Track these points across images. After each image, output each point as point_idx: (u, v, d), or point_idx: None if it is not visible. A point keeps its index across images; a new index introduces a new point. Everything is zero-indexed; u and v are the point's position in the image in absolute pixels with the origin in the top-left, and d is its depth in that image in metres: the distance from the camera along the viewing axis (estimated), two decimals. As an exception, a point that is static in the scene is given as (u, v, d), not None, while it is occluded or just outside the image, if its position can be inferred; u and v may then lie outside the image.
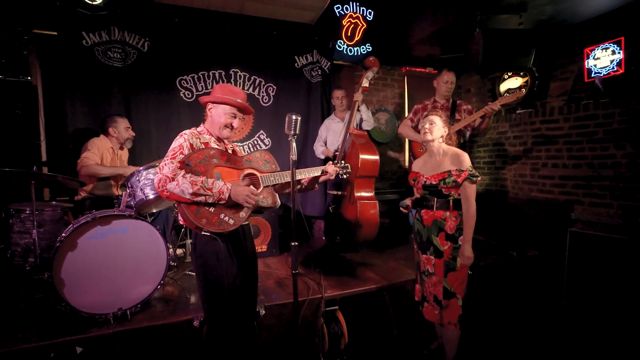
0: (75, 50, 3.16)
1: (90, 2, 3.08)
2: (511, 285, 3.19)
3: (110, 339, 2.04)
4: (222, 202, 1.64)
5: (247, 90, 3.83)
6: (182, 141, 1.68)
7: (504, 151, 4.50)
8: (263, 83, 3.89)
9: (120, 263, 2.19)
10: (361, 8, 4.09)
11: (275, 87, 3.94)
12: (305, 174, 2.03)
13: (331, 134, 3.81)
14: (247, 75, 3.81)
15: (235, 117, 1.82)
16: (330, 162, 2.14)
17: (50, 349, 1.95)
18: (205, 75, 3.63)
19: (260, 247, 3.46)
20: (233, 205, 1.70)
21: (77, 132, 3.15)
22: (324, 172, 2.08)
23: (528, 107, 4.19)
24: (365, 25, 4.17)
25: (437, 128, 2.16)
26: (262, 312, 2.35)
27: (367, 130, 3.75)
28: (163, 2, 3.39)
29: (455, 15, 3.64)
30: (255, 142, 3.92)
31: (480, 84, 4.84)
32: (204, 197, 1.59)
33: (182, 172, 1.58)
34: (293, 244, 1.83)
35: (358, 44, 4.22)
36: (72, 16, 3.11)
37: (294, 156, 1.78)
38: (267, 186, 1.88)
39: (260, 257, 3.40)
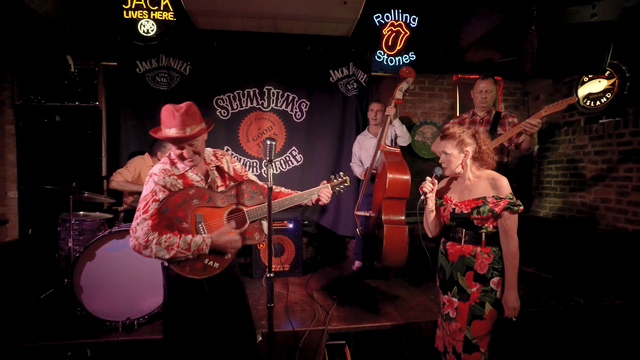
0: (130, 77, 3.58)
1: (144, 34, 3.47)
2: (573, 344, 2.53)
3: (115, 345, 2.18)
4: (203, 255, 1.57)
5: (280, 107, 3.87)
6: (153, 186, 1.53)
7: (582, 169, 3.69)
8: (296, 99, 3.88)
9: (132, 275, 2.34)
10: (404, 15, 3.85)
11: (308, 103, 3.90)
12: (296, 200, 1.88)
13: (364, 151, 3.59)
14: (281, 92, 3.85)
15: (181, 149, 1.55)
16: (325, 182, 1.93)
17: (68, 348, 2.17)
18: (240, 93, 3.77)
19: (283, 266, 3.40)
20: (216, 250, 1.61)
21: (127, 150, 3.55)
22: (319, 196, 1.89)
23: (615, 115, 3.38)
24: (408, 33, 3.90)
25: (453, 158, 1.76)
26: (259, 338, 2.27)
27: (402, 147, 3.45)
28: (204, 28, 3.64)
29: (510, 12, 3.14)
30: (287, 158, 3.91)
31: (552, 90, 4.09)
32: (184, 257, 1.52)
33: (155, 236, 1.46)
34: (268, 275, 1.71)
35: (400, 52, 3.96)
36: (129, 48, 3.54)
37: (270, 183, 1.68)
38: (254, 221, 1.75)
39: (281, 277, 3.38)
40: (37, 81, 3.63)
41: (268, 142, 1.64)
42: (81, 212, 2.87)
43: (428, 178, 1.84)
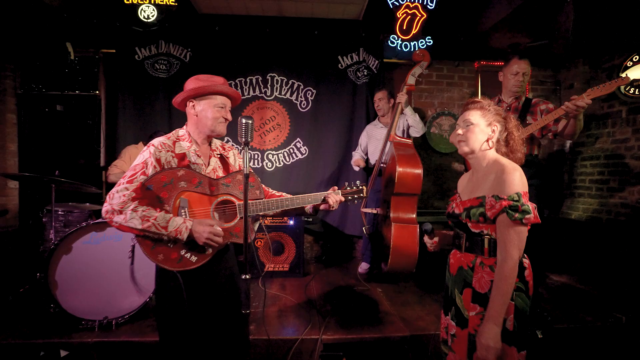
0: (129, 65, 3.45)
1: (145, 20, 3.31)
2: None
3: (89, 347, 2.00)
4: (180, 241, 1.38)
5: (284, 95, 3.63)
6: (147, 156, 1.41)
7: (622, 166, 3.25)
8: (302, 87, 3.63)
9: (112, 270, 2.16)
10: (421, -4, 3.52)
11: (314, 91, 3.64)
12: (298, 202, 1.62)
13: (372, 141, 3.30)
14: (285, 80, 3.61)
15: (224, 108, 1.54)
16: (335, 188, 1.68)
17: (39, 347, 2.01)
18: (243, 81, 3.56)
19: (282, 265, 3.16)
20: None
21: (125, 140, 3.40)
22: (324, 200, 1.64)
23: (665, 104, 2.93)
24: (425, 16, 3.57)
25: (477, 131, 1.35)
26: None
27: (416, 138, 3.14)
28: (206, 12, 3.46)
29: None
30: (291, 150, 3.67)
31: (588, 76, 3.64)
32: (157, 236, 1.35)
33: (133, 204, 1.33)
34: (244, 276, 1.47)
35: (416, 37, 3.63)
36: (128, 34, 3.40)
37: (247, 169, 1.43)
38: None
39: (279, 277, 3.13)
40: (38, 70, 3.56)
41: (244, 120, 1.40)
42: (70, 203, 2.74)
43: (427, 240, 1.56)
